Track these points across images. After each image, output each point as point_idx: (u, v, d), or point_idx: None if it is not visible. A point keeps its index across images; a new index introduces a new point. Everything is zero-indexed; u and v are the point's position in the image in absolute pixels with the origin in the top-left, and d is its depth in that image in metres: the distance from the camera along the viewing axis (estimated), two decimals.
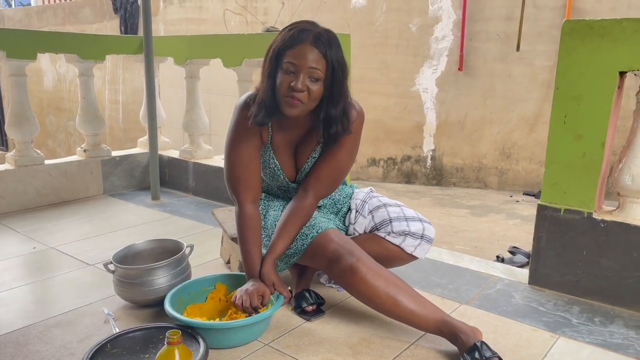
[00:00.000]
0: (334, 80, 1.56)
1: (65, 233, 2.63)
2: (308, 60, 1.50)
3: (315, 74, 1.52)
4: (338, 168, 1.73)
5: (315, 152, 1.74)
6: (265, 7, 6.59)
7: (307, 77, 1.51)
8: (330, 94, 1.57)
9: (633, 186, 1.85)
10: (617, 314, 1.84)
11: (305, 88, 1.52)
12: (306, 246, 1.69)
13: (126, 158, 3.50)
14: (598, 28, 1.80)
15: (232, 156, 1.72)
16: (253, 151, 1.71)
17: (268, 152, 1.75)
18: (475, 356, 1.43)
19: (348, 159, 1.73)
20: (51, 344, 1.61)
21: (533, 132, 5.34)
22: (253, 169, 1.72)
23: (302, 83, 1.51)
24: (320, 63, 1.52)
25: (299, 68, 1.51)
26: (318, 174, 1.73)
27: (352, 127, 1.67)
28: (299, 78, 1.51)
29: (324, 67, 1.53)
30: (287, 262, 1.76)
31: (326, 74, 1.54)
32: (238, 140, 1.70)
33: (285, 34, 1.55)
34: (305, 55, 1.50)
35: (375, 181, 6.00)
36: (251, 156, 1.71)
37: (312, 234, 1.69)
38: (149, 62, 3.11)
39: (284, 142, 1.74)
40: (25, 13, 9.99)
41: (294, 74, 1.51)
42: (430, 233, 1.81)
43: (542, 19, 5.10)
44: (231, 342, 1.58)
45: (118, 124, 8.19)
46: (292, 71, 1.52)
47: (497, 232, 4.05)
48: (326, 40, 1.53)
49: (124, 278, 1.79)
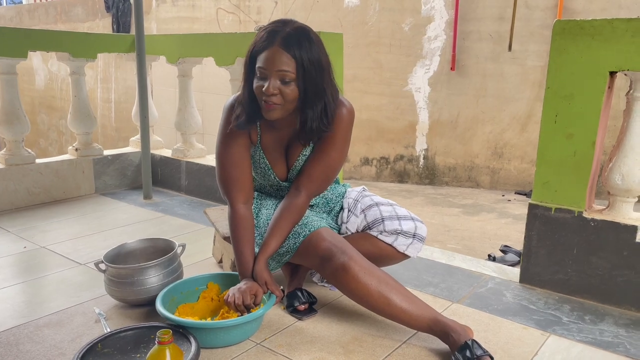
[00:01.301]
0: (307, 80, 1.54)
1: (57, 232, 2.62)
2: (275, 63, 1.50)
3: (285, 76, 1.51)
4: (329, 166, 1.72)
5: (305, 151, 1.74)
6: (259, 6, 6.58)
7: (277, 80, 1.51)
8: (304, 94, 1.56)
9: (623, 185, 1.87)
10: (607, 312, 1.86)
11: (277, 91, 1.51)
12: (298, 244, 1.69)
13: (118, 157, 3.49)
14: (589, 28, 1.81)
15: (222, 157, 1.72)
16: (243, 152, 1.72)
17: (258, 152, 1.75)
18: (466, 354, 1.44)
19: (339, 156, 1.72)
20: (42, 343, 1.60)
21: (525, 131, 5.37)
22: (244, 169, 1.72)
23: (272, 87, 1.50)
24: (289, 65, 1.50)
25: (268, 72, 1.51)
26: (310, 172, 1.72)
27: (341, 124, 1.67)
28: (269, 82, 1.51)
29: (294, 68, 1.51)
30: (280, 260, 1.76)
31: (297, 74, 1.52)
32: (227, 141, 1.71)
33: (257, 37, 1.56)
34: (272, 59, 1.50)
35: (368, 180, 6.01)
36: (241, 157, 1.71)
37: (305, 232, 1.69)
38: (141, 60, 3.10)
39: (273, 141, 1.74)
40: (16, 11, 9.93)
41: (264, 79, 1.52)
42: (423, 232, 1.81)
43: (534, 19, 5.13)
44: (223, 341, 1.58)
45: (110, 122, 8.15)
46: (263, 76, 1.52)
47: (488, 231, 4.07)
48: (295, 41, 1.51)
49: (115, 277, 1.79)
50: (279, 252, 1.73)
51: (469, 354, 1.44)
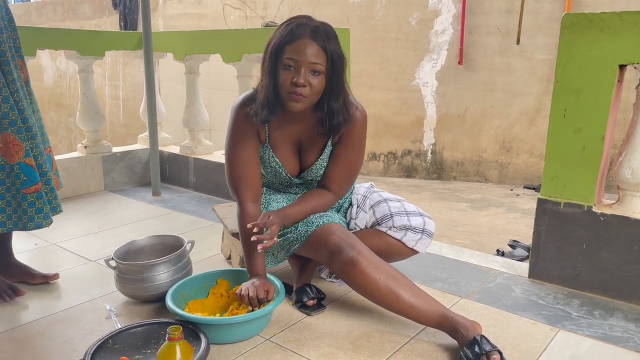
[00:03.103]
0: (334, 73, 1.57)
1: (67, 229, 2.64)
2: (308, 55, 1.51)
3: (316, 67, 1.53)
4: (351, 167, 1.78)
5: (324, 155, 1.76)
6: (265, 2, 6.57)
7: (308, 71, 1.53)
8: (331, 86, 1.59)
9: (633, 179, 1.85)
10: (616, 307, 1.85)
11: (307, 83, 1.53)
12: (309, 234, 1.70)
13: (127, 154, 3.51)
14: (598, 21, 1.79)
15: (231, 157, 1.74)
16: (251, 151, 1.73)
17: (267, 152, 1.76)
18: (475, 350, 1.44)
19: (359, 157, 1.78)
20: (54, 340, 1.62)
21: (533, 125, 5.34)
22: (252, 168, 1.73)
23: (303, 78, 1.52)
24: (320, 57, 1.53)
25: (300, 63, 1.52)
26: (332, 175, 1.78)
27: (356, 125, 1.70)
28: (300, 73, 1.52)
29: (324, 61, 1.54)
30: (288, 250, 1.77)
31: (327, 67, 1.55)
32: (236, 141, 1.72)
33: (283, 30, 1.56)
34: (304, 50, 1.51)
35: (375, 176, 6.00)
36: (250, 156, 1.72)
37: (318, 222, 1.70)
38: (149, 58, 3.11)
39: (282, 139, 1.75)
40: (24, 9, 9.99)
41: (295, 70, 1.53)
42: (431, 227, 1.83)
43: (542, 12, 5.09)
44: (232, 337, 1.59)
45: (119, 119, 8.19)
46: (292, 67, 1.53)
47: (497, 226, 4.06)
48: (324, 34, 1.54)
49: (125, 274, 1.80)
50: (288, 239, 1.74)
51: (477, 349, 1.44)
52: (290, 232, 1.75)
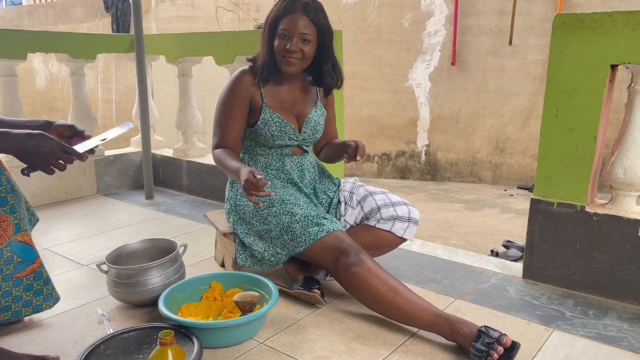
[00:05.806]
0: (324, 42, 1.84)
1: (59, 234, 2.62)
2: (299, 26, 1.77)
3: (306, 37, 1.79)
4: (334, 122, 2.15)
5: (316, 107, 1.98)
6: (257, 4, 6.57)
7: (299, 40, 1.79)
8: (321, 54, 1.86)
9: (625, 179, 1.86)
10: (610, 306, 1.85)
11: (299, 49, 1.79)
12: (315, 241, 1.73)
13: (119, 157, 3.49)
14: (589, 21, 1.80)
15: (222, 109, 1.92)
16: (241, 112, 1.91)
17: (267, 112, 1.89)
18: (485, 340, 1.46)
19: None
20: (45, 345, 1.60)
21: (526, 125, 5.35)
22: (239, 123, 1.91)
23: (295, 45, 1.78)
24: (309, 28, 1.79)
25: (292, 33, 1.78)
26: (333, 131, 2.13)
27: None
28: (292, 41, 1.78)
29: (314, 32, 1.80)
30: (292, 251, 1.79)
31: (317, 37, 1.82)
32: (230, 98, 1.90)
33: (279, 5, 1.82)
34: (296, 22, 1.77)
35: (369, 177, 6.00)
36: (239, 111, 1.90)
37: (327, 229, 1.74)
38: (141, 60, 3.10)
39: (278, 99, 1.93)
40: (16, 12, 9.92)
41: (289, 38, 1.79)
42: (416, 215, 1.95)
43: (534, 12, 5.11)
44: (226, 341, 1.58)
45: (112, 123, 8.15)
46: (286, 36, 1.79)
47: (491, 226, 4.06)
48: (314, 9, 1.80)
49: (117, 278, 1.78)
50: (294, 238, 1.78)
51: (487, 339, 1.46)
52: (297, 229, 1.76)
